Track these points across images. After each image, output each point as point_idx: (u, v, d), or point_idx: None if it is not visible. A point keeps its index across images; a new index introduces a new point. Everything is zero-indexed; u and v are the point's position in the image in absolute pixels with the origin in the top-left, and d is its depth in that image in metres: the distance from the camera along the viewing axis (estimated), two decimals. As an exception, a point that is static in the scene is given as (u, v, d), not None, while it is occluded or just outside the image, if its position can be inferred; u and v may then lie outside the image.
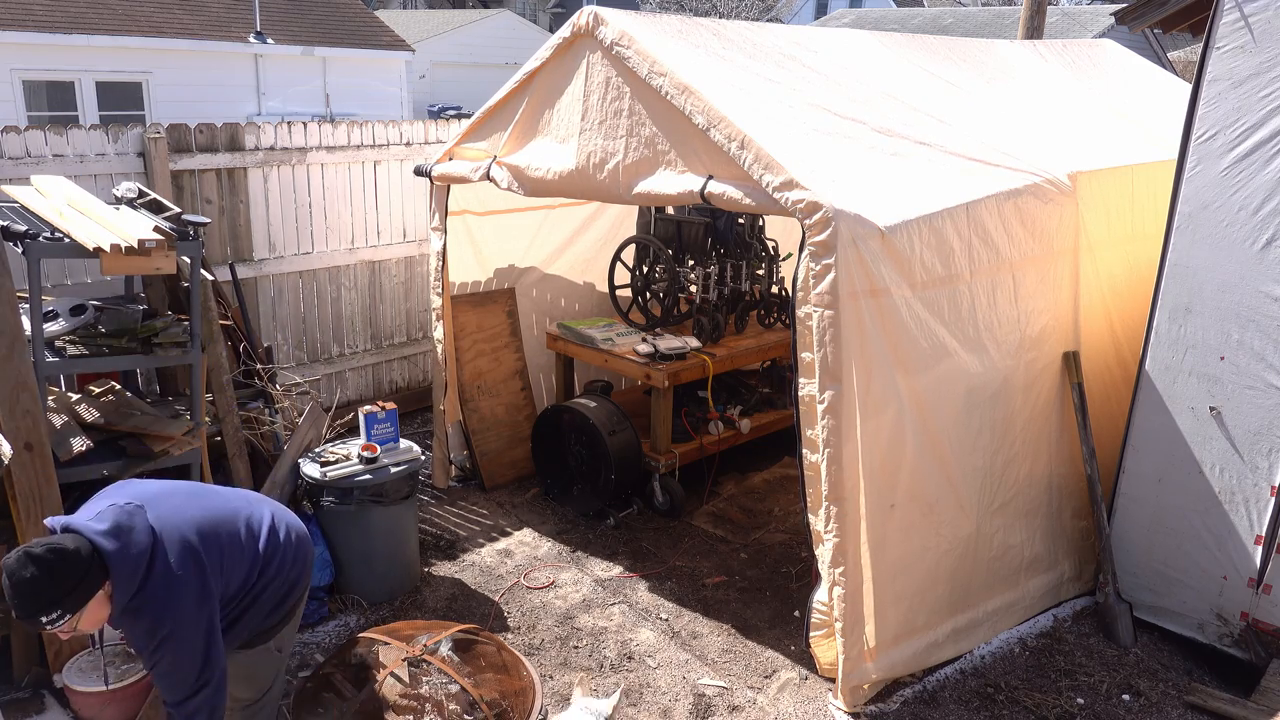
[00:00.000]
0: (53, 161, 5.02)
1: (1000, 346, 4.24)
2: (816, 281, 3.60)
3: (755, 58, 4.57)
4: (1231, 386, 4.09)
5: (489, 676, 3.26)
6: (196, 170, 5.59)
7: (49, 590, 2.42)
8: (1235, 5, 3.89)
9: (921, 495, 4.01)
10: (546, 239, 6.38)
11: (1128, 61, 6.80)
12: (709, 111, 3.92)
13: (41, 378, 3.76)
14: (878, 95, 4.77)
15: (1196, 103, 4.03)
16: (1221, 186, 4.00)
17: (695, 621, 4.59)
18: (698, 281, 5.80)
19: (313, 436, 4.86)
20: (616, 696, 3.91)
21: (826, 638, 3.98)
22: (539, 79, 4.73)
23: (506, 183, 4.91)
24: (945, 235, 3.93)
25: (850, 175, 3.89)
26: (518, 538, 5.37)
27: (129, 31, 13.39)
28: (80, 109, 13.12)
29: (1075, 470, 4.70)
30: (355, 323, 6.67)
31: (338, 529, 4.55)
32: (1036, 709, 3.99)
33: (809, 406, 3.73)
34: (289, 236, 6.15)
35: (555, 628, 4.52)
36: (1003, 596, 4.47)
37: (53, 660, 3.81)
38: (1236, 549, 4.16)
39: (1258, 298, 3.97)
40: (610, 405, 5.54)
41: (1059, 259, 4.50)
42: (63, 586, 2.43)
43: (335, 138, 6.23)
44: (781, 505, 5.79)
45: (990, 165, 4.41)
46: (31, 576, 2.40)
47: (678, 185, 4.13)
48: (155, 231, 3.86)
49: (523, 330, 6.27)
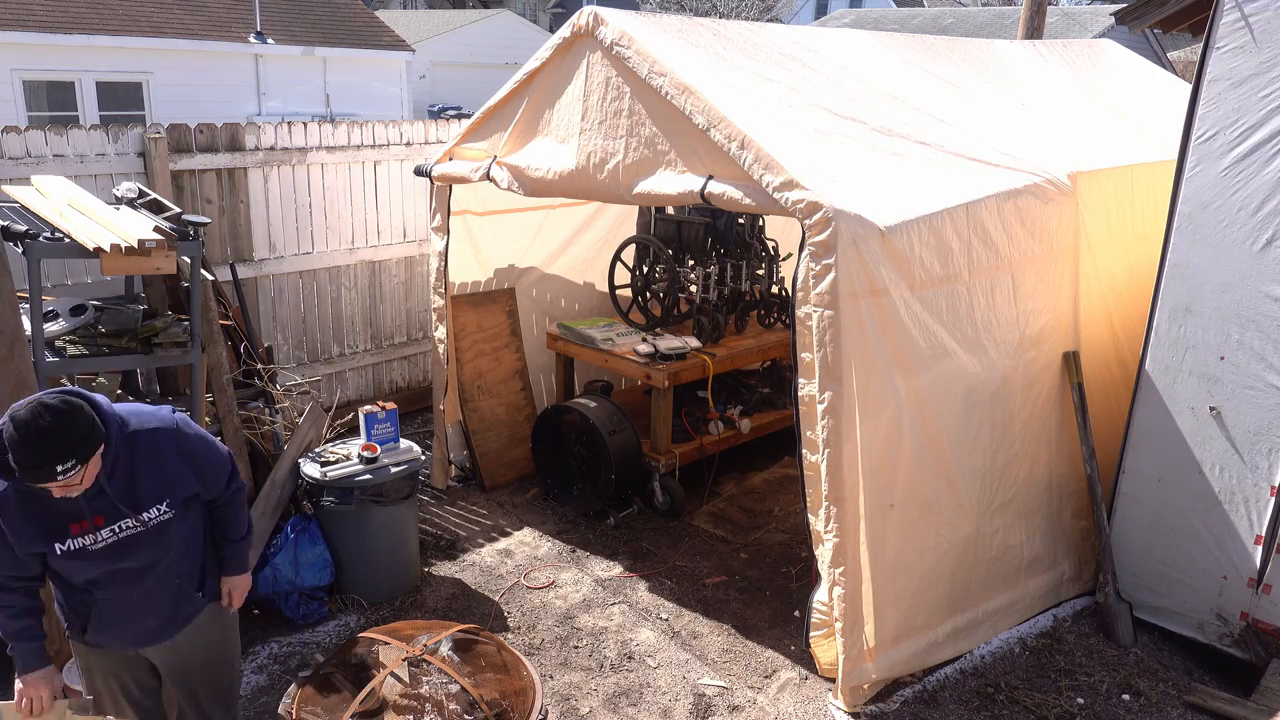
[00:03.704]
0: (53, 161, 5.02)
1: (999, 346, 4.24)
2: (816, 281, 3.60)
3: (755, 58, 4.57)
4: (1231, 386, 4.09)
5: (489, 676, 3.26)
6: (196, 170, 5.60)
7: (67, 437, 2.41)
8: (1235, 5, 3.89)
9: (921, 495, 4.01)
10: (546, 239, 6.38)
11: (1128, 61, 6.80)
12: (709, 111, 3.92)
13: (42, 378, 3.76)
14: (878, 95, 4.78)
15: (1196, 103, 4.03)
16: (1221, 186, 4.00)
17: (695, 621, 4.59)
18: (698, 281, 5.80)
19: (313, 436, 4.86)
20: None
21: (826, 638, 3.98)
22: (539, 79, 4.73)
23: (506, 183, 4.91)
24: (945, 235, 3.93)
25: (850, 175, 3.89)
26: (518, 538, 5.37)
27: (129, 31, 13.39)
28: (80, 109, 13.12)
29: (1075, 470, 4.70)
30: (355, 323, 6.67)
31: (338, 529, 4.56)
32: (1036, 709, 3.99)
33: (809, 407, 3.73)
34: (289, 236, 6.15)
35: (555, 628, 4.52)
36: (1003, 596, 4.47)
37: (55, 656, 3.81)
38: (1236, 549, 4.16)
39: (1258, 298, 3.97)
40: (610, 405, 5.54)
41: (1059, 259, 4.50)
42: (78, 433, 2.44)
43: (335, 138, 6.23)
44: (781, 505, 5.79)
45: (990, 165, 4.41)
46: (49, 425, 2.39)
47: (678, 185, 4.14)
48: (155, 231, 3.86)
49: (523, 330, 6.27)
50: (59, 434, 2.40)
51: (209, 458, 2.88)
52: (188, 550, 2.90)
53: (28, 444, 2.38)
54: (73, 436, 2.43)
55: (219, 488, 2.93)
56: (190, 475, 2.80)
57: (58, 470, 2.41)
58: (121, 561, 2.73)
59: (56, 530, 2.62)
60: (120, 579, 2.76)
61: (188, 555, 2.90)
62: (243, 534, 3.06)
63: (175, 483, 2.76)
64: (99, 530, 2.65)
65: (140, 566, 2.78)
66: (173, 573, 2.86)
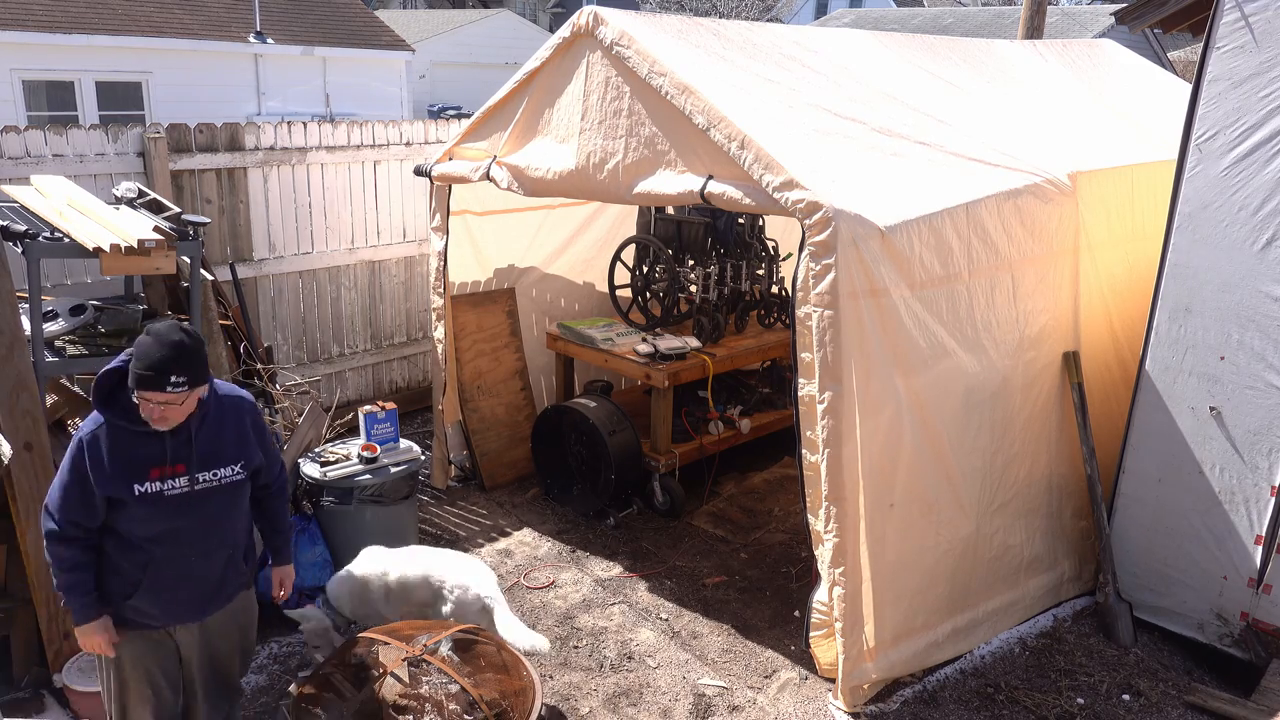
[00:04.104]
0: (53, 161, 5.02)
1: (999, 346, 4.24)
2: (816, 281, 3.60)
3: (755, 58, 4.57)
4: (1231, 386, 4.09)
5: (489, 676, 3.26)
6: (196, 170, 5.59)
7: (191, 357, 2.72)
8: (1235, 5, 3.89)
9: (921, 495, 4.01)
10: (546, 239, 6.38)
11: (1128, 61, 6.79)
12: (709, 111, 3.92)
13: (42, 378, 3.76)
14: (878, 95, 4.77)
15: (1196, 103, 4.03)
16: (1221, 186, 4.00)
17: (695, 621, 4.59)
18: (698, 281, 5.80)
19: (313, 436, 4.86)
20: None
21: (826, 638, 3.98)
22: (539, 79, 4.73)
23: (506, 183, 4.91)
24: (945, 235, 3.93)
25: (850, 175, 3.89)
26: (518, 538, 5.37)
27: (129, 31, 13.39)
28: (80, 109, 13.11)
29: (1075, 470, 4.70)
30: (355, 323, 6.67)
31: (338, 529, 4.55)
32: (1036, 709, 3.99)
33: (809, 407, 3.73)
34: (289, 236, 6.15)
35: (555, 627, 4.52)
36: (1002, 596, 4.47)
37: (53, 660, 3.82)
38: (1236, 549, 4.16)
39: (1258, 298, 3.97)
40: (610, 405, 5.54)
41: (1059, 259, 4.50)
42: (201, 359, 2.76)
43: (335, 138, 6.23)
44: (781, 505, 5.79)
45: (990, 165, 4.40)
46: (180, 341, 2.71)
47: (678, 185, 4.13)
48: (155, 231, 3.86)
49: (523, 330, 6.27)
50: (185, 350, 2.70)
51: (270, 440, 3.17)
52: (243, 523, 3.10)
53: (160, 347, 2.66)
54: (195, 358, 2.73)
55: (275, 470, 3.19)
56: (258, 447, 3.05)
57: (171, 380, 2.66)
58: (189, 516, 2.88)
59: (139, 471, 2.78)
60: (183, 537, 2.89)
61: (242, 528, 3.10)
62: (288, 526, 3.36)
63: (249, 448, 3.01)
64: (178, 478, 2.83)
65: (204, 527, 2.92)
66: (228, 541, 3.02)
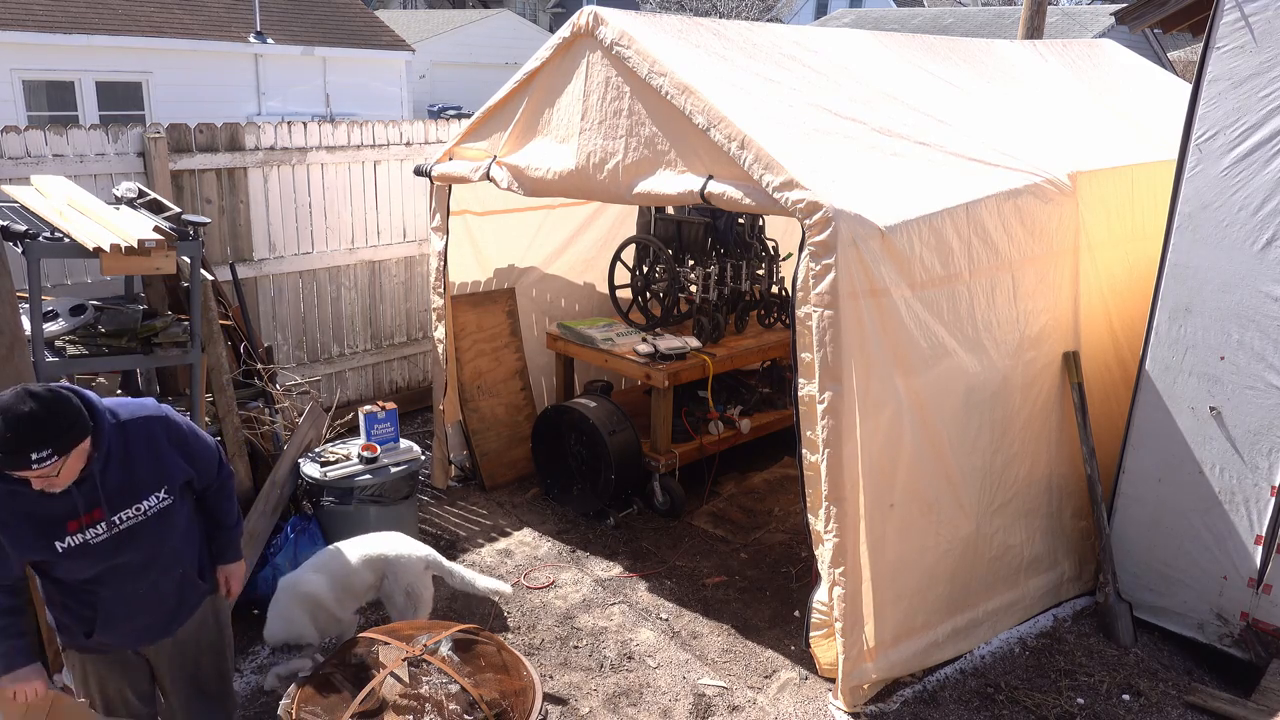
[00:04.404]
0: (53, 161, 5.02)
1: (999, 346, 4.24)
2: (816, 281, 3.60)
3: (755, 58, 4.57)
4: (1231, 386, 4.09)
5: (489, 676, 3.26)
6: (196, 170, 5.59)
7: (45, 427, 2.41)
8: (1235, 5, 3.89)
9: (921, 495, 4.01)
10: (546, 239, 6.38)
11: (1128, 61, 6.79)
12: (709, 111, 3.92)
13: (41, 378, 3.76)
14: (878, 95, 4.77)
15: (1196, 103, 4.03)
16: (1221, 186, 4.00)
17: (695, 621, 4.59)
18: (698, 281, 5.80)
19: (313, 436, 4.86)
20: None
21: (826, 638, 3.98)
22: (539, 79, 4.73)
23: (506, 183, 4.91)
24: (945, 235, 3.93)
25: (850, 175, 3.89)
26: (518, 538, 5.37)
27: (129, 31, 13.39)
28: (80, 109, 13.12)
29: (1075, 470, 4.70)
30: (355, 323, 6.67)
31: (337, 529, 4.55)
32: (1036, 709, 3.99)
33: (809, 407, 3.73)
34: (289, 236, 6.15)
35: (555, 628, 4.52)
36: (1003, 596, 4.47)
37: (52, 660, 3.81)
38: (1236, 549, 4.16)
39: (1258, 298, 3.97)
40: (610, 405, 5.54)
41: (1059, 259, 4.50)
42: (59, 425, 2.44)
43: (335, 138, 6.23)
44: (781, 505, 5.79)
45: (990, 165, 4.41)
46: (30, 411, 2.39)
47: (678, 185, 4.13)
48: (155, 231, 3.86)
49: (523, 330, 6.27)
50: (39, 421, 2.40)
51: (199, 443, 2.91)
52: (188, 538, 2.93)
53: (7, 427, 2.37)
54: (53, 426, 2.42)
55: (210, 474, 2.96)
56: (183, 461, 2.83)
57: (33, 458, 2.39)
58: (124, 554, 2.73)
59: (55, 529, 2.61)
60: (124, 573, 2.77)
61: (189, 543, 2.94)
62: (234, 521, 3.12)
63: (170, 468, 2.78)
64: (97, 524, 2.65)
65: (144, 559, 2.79)
66: (176, 562, 2.88)
